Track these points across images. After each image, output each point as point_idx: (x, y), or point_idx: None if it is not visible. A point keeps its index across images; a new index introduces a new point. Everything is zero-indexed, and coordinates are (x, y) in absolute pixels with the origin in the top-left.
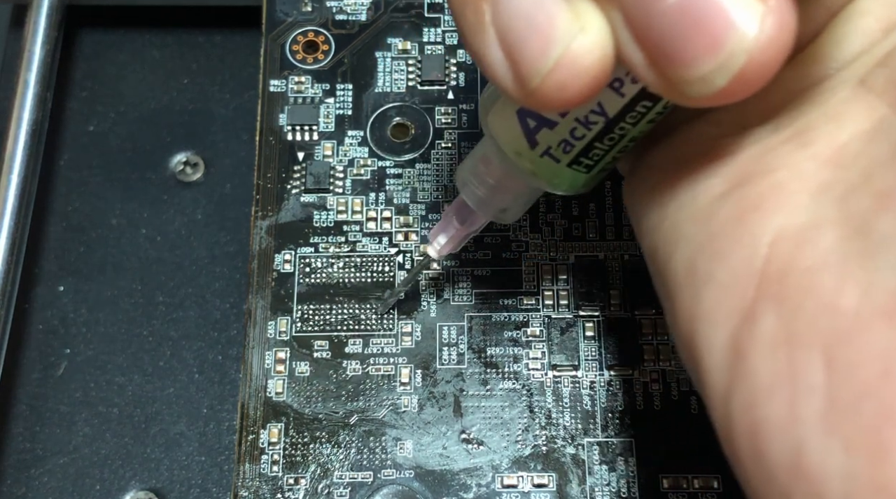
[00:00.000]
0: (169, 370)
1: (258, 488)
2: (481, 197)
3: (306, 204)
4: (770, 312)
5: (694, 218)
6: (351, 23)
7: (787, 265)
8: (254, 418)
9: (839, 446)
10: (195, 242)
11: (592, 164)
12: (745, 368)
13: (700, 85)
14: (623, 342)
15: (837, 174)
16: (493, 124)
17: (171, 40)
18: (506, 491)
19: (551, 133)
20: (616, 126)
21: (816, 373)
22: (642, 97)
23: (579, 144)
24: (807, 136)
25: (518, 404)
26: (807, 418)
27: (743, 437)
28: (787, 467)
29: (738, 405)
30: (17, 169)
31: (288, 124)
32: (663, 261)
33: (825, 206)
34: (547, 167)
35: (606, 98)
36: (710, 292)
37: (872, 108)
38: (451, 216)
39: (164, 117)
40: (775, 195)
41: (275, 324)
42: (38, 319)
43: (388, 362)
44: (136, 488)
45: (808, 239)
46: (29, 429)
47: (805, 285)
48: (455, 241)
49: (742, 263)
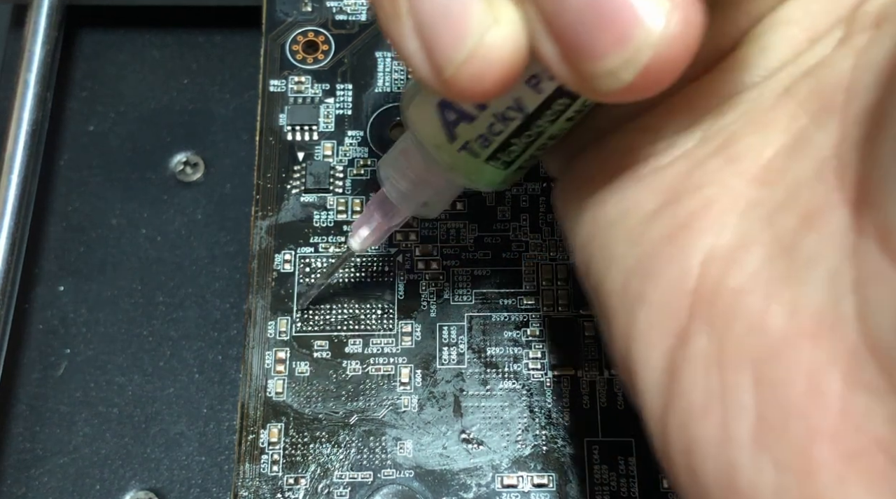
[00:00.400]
0: (169, 370)
1: (258, 487)
2: (402, 191)
3: (306, 204)
4: (702, 332)
5: (626, 237)
6: (351, 23)
7: (716, 286)
8: (254, 418)
9: (769, 464)
10: (195, 242)
11: (510, 160)
12: (680, 388)
13: (608, 79)
14: None
15: (764, 192)
16: (413, 117)
17: (171, 40)
18: (506, 491)
19: (469, 127)
20: (534, 123)
21: (746, 392)
22: (560, 95)
23: (497, 140)
24: (734, 148)
25: (518, 404)
26: (738, 437)
27: (678, 455)
28: (721, 485)
29: (673, 424)
30: (17, 169)
31: (288, 124)
32: (596, 279)
33: (753, 225)
34: (465, 162)
35: (524, 94)
36: (643, 313)
37: (794, 118)
38: (373, 210)
39: (164, 117)
40: (704, 214)
41: (275, 324)
42: (38, 319)
43: (388, 362)
44: (136, 488)
45: (736, 259)
46: (29, 429)
47: (734, 306)
48: (377, 233)
49: (674, 283)
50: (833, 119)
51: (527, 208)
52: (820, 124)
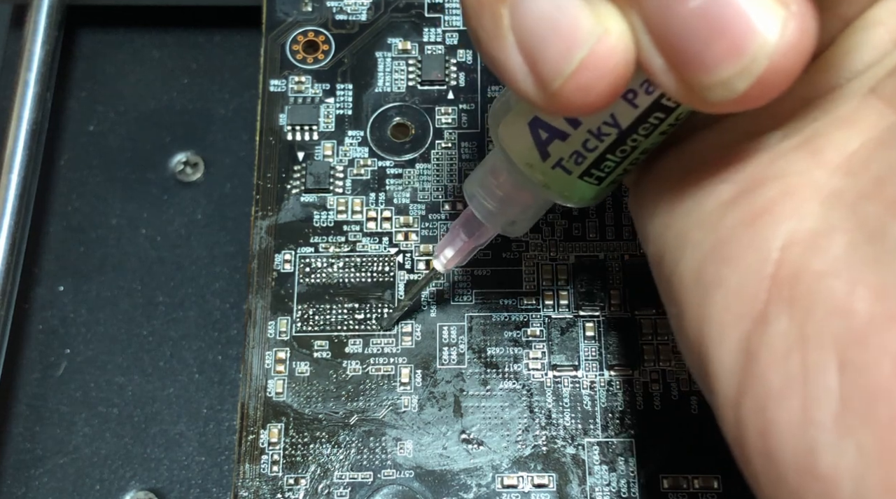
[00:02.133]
0: (169, 370)
1: (258, 488)
2: (490, 209)
3: (306, 204)
4: (782, 315)
5: (701, 223)
6: (351, 23)
7: (798, 270)
8: (254, 418)
9: (852, 448)
10: (195, 242)
11: (604, 176)
12: (757, 370)
13: (720, 90)
14: (623, 342)
15: (848, 182)
16: (504, 136)
17: (171, 40)
18: (506, 491)
19: (563, 145)
20: (629, 138)
21: (830, 375)
22: (655, 109)
23: (591, 156)
24: (816, 143)
25: (518, 404)
26: (820, 420)
27: (754, 439)
28: (799, 469)
29: (749, 408)
30: (17, 169)
31: (288, 124)
32: (670, 267)
33: (836, 212)
34: (558, 179)
35: (619, 109)
36: (719, 297)
37: (882, 116)
38: (459, 229)
39: (164, 117)
40: (785, 201)
41: (275, 324)
42: (38, 319)
43: (388, 362)
44: (136, 488)
45: (819, 244)
46: (29, 429)
47: (817, 289)
48: (462, 254)
49: (753, 267)
50: None
51: None
52: None
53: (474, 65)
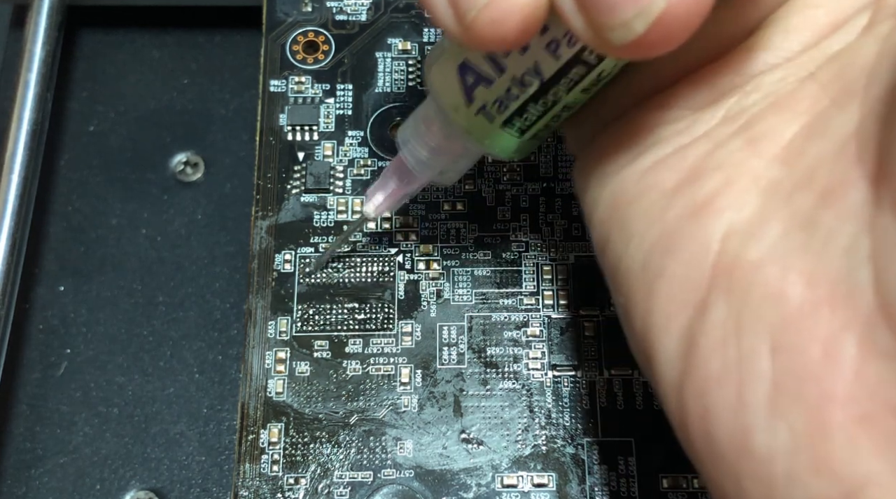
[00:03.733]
0: (169, 370)
1: (258, 487)
2: (420, 158)
3: (306, 204)
4: (720, 302)
5: (646, 215)
6: (351, 23)
7: (736, 259)
8: (254, 418)
9: (784, 428)
10: (195, 242)
11: (525, 127)
12: (697, 357)
13: (622, 31)
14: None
15: (784, 171)
16: (434, 79)
17: (171, 40)
18: (506, 491)
19: (487, 91)
20: (550, 89)
21: (763, 359)
22: (576, 62)
23: (514, 105)
24: (755, 129)
25: (518, 404)
26: (754, 402)
27: (695, 422)
28: (736, 449)
29: (690, 393)
30: (17, 169)
31: (288, 124)
32: (615, 256)
33: (773, 202)
34: (481, 125)
35: (542, 59)
36: (663, 286)
37: (816, 100)
38: (390, 175)
39: (164, 117)
40: (726, 192)
41: (275, 324)
42: (38, 319)
43: (388, 362)
44: (137, 488)
45: (755, 233)
46: (29, 429)
47: (753, 277)
48: (392, 199)
49: (695, 257)
50: (854, 102)
51: (527, 208)
52: (841, 106)
53: None
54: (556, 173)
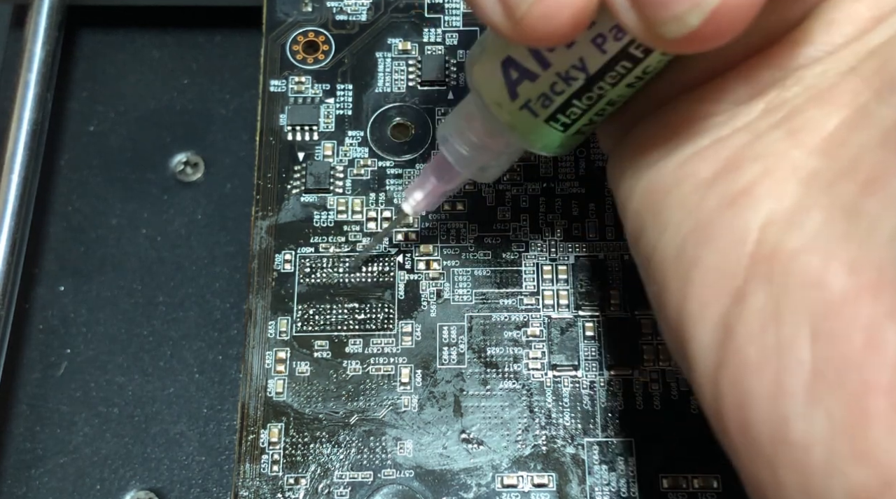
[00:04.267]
0: (169, 370)
1: (258, 487)
2: (462, 154)
3: (306, 204)
4: (760, 291)
5: (682, 204)
6: (351, 23)
7: (775, 247)
8: (254, 418)
9: (823, 416)
10: (195, 242)
11: (569, 122)
12: (734, 345)
13: (675, 25)
14: (623, 342)
15: (825, 162)
16: (477, 75)
17: (171, 40)
18: (506, 491)
19: (532, 86)
20: (595, 84)
21: (803, 346)
22: (623, 57)
23: (558, 100)
24: (795, 121)
25: (518, 404)
26: (792, 390)
27: (731, 411)
28: (773, 437)
29: (726, 382)
30: (17, 169)
31: (288, 124)
32: (649, 245)
33: (813, 192)
34: (525, 121)
35: (588, 54)
36: (699, 275)
37: (857, 93)
38: (430, 172)
39: (164, 117)
40: (764, 182)
41: (275, 324)
42: (38, 319)
43: (388, 362)
44: (137, 488)
45: (795, 222)
46: (29, 429)
47: (793, 265)
48: (431, 197)
49: (732, 246)
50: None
51: (527, 208)
52: (883, 99)
53: None
54: (556, 173)
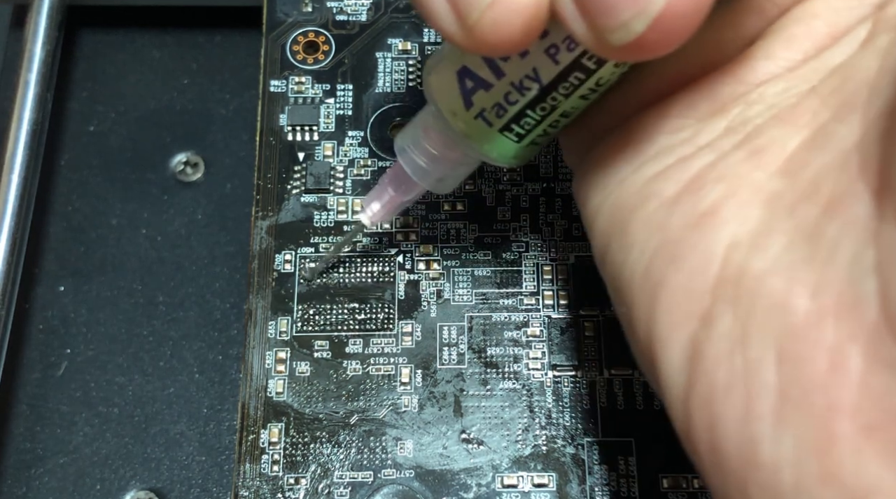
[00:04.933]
0: (169, 370)
1: (258, 487)
2: (420, 165)
3: (307, 204)
4: (726, 313)
5: (647, 223)
6: (351, 23)
7: (741, 269)
8: (254, 418)
9: (790, 438)
10: (195, 242)
11: (524, 133)
12: (702, 368)
13: (621, 33)
14: (623, 342)
15: (786, 183)
16: (433, 85)
17: (171, 40)
18: (506, 491)
19: (486, 95)
20: (549, 95)
21: (769, 369)
22: (576, 68)
23: (512, 110)
24: (757, 141)
25: (518, 404)
26: (760, 413)
27: (701, 433)
28: (742, 459)
29: (696, 404)
30: (17, 169)
31: (288, 124)
32: (617, 263)
33: (776, 214)
34: (479, 130)
35: (542, 64)
36: (666, 296)
37: (817, 113)
38: (387, 184)
39: (164, 117)
40: (728, 203)
41: (275, 324)
42: (38, 319)
43: (388, 362)
44: (137, 488)
45: (759, 245)
46: (29, 429)
47: (758, 288)
48: (389, 208)
49: (698, 267)
50: (855, 115)
51: (527, 208)
52: (842, 119)
53: None
54: (556, 173)
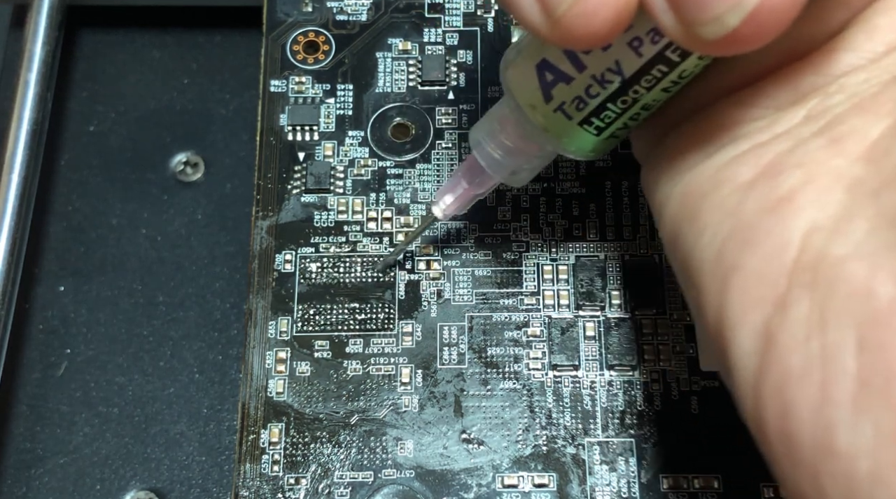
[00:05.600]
0: (169, 370)
1: (259, 487)
2: (495, 158)
3: (307, 204)
4: (803, 299)
5: (720, 207)
6: (351, 23)
7: (820, 255)
8: (254, 418)
9: (869, 426)
10: (195, 242)
11: (603, 126)
12: (777, 353)
13: (714, 26)
14: (623, 342)
15: (869, 170)
16: (512, 78)
17: (171, 40)
18: (506, 491)
19: (567, 88)
20: (631, 88)
21: (848, 356)
22: (659, 60)
23: (593, 103)
24: (837, 130)
25: (518, 404)
26: (838, 400)
27: (773, 420)
28: (817, 447)
29: (768, 389)
30: (17, 169)
31: (288, 124)
32: (686, 248)
33: (858, 200)
34: (559, 124)
35: (624, 57)
36: (739, 280)
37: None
38: (461, 176)
39: (164, 117)
40: (807, 189)
41: (275, 324)
42: (38, 319)
43: (388, 362)
44: (137, 488)
45: (841, 230)
46: (29, 429)
47: (839, 273)
48: (462, 201)
49: (774, 252)
50: None
51: (527, 208)
52: None
53: (474, 65)
54: (557, 173)
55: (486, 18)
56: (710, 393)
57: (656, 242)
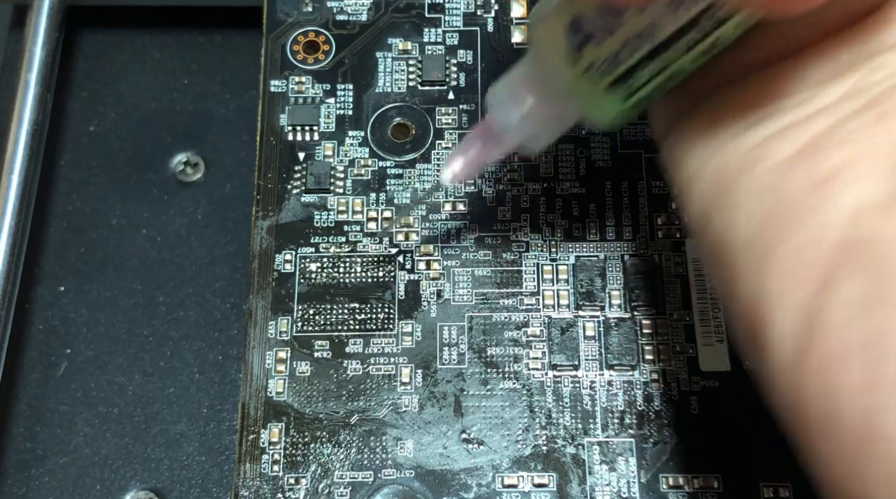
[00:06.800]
0: (169, 370)
1: (259, 487)
2: (510, 120)
3: (307, 204)
4: (854, 277)
5: (757, 185)
6: (351, 23)
7: (871, 233)
8: (254, 418)
9: None
10: (195, 242)
11: (631, 92)
12: (822, 332)
13: None
14: (623, 342)
15: None
16: (541, 34)
17: (171, 40)
18: (506, 491)
19: (597, 49)
20: (662, 54)
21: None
22: (694, 25)
23: (622, 67)
24: (881, 107)
25: (518, 404)
26: (885, 382)
27: (814, 401)
28: (859, 428)
29: (810, 370)
30: (17, 169)
31: (288, 124)
32: (720, 228)
33: None
34: (585, 86)
35: (659, 20)
36: (780, 260)
37: None
38: (474, 138)
39: (164, 117)
40: (853, 167)
41: (275, 324)
42: (38, 319)
43: (388, 362)
44: (137, 488)
45: (890, 209)
46: (29, 429)
47: (890, 253)
48: (472, 165)
49: (818, 231)
50: None
51: (527, 208)
52: None
53: (474, 65)
54: (557, 173)
55: (486, 18)
56: (710, 393)
57: (656, 242)
